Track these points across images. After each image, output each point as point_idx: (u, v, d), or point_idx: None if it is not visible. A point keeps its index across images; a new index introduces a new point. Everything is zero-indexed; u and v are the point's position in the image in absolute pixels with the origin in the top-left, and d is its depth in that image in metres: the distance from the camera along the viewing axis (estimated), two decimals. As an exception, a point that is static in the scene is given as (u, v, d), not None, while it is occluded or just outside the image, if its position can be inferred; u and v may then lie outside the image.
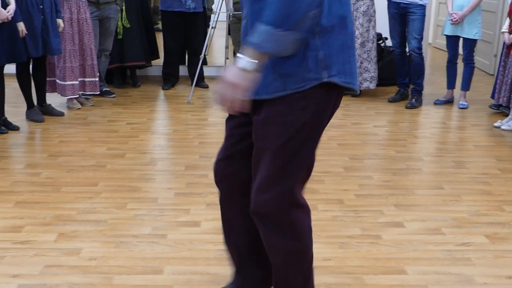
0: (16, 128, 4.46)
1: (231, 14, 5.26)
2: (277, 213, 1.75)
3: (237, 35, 5.33)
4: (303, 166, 1.74)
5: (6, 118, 4.49)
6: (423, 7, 5.31)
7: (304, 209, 1.80)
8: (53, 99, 5.16)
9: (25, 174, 3.54)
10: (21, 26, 4.26)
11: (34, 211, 2.99)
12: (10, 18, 4.15)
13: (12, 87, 5.37)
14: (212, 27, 6.01)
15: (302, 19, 1.47)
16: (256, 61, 1.51)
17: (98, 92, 5.30)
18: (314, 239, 2.74)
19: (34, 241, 2.67)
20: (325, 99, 1.68)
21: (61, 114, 4.91)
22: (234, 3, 5.21)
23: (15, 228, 2.80)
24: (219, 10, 5.51)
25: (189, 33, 5.98)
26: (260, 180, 1.74)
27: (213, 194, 3.27)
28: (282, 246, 1.79)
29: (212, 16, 5.97)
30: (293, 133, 1.67)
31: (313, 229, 2.85)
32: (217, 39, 9.15)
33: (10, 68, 4.68)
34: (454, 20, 5.25)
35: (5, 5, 4.14)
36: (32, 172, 3.56)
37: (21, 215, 2.95)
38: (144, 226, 2.85)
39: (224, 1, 5.51)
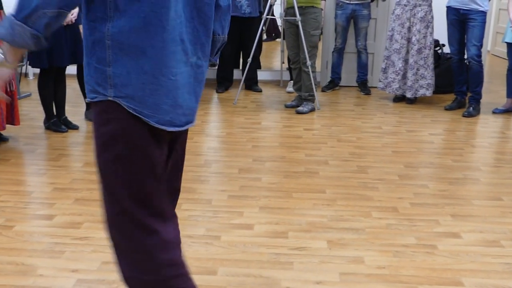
0: (75, 127, 4.60)
1: (282, 18, 5.27)
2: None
3: (290, 40, 5.34)
4: (118, 191, 1.57)
5: (66, 117, 4.63)
6: (483, 13, 5.19)
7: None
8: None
9: (84, 172, 3.65)
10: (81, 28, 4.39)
11: (92, 208, 3.08)
12: (73, 21, 4.28)
13: (72, 88, 5.54)
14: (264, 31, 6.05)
15: (32, 14, 1.38)
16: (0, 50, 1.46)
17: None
18: (367, 247, 2.72)
19: (92, 237, 2.75)
20: (132, 128, 1.52)
21: (118, 114, 5.02)
22: (287, 8, 5.22)
23: (74, 224, 2.88)
24: (269, 15, 5.54)
25: (244, 37, 6.03)
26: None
27: (267, 198, 3.28)
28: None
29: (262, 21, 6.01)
30: (100, 149, 1.55)
31: (367, 236, 2.83)
32: (271, 43, 9.20)
33: (71, 69, 4.82)
34: None
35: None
36: (90, 170, 3.66)
37: (80, 211, 3.04)
38: (198, 227, 2.89)
39: (270, 6, 5.55)
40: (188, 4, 1.55)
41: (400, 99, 5.85)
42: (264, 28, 6.35)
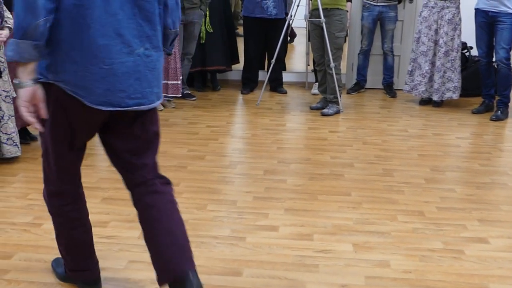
0: (102, 127, 4.65)
1: (306, 20, 5.27)
2: None
3: (315, 42, 5.33)
4: (49, 159, 2.13)
5: (93, 117, 4.68)
6: (513, 16, 5.11)
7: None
8: (137, 100, 5.33)
9: (111, 171, 3.68)
10: None
11: (119, 207, 3.11)
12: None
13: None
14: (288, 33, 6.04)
15: (28, 29, 1.72)
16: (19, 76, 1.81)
17: (180, 95, 5.44)
18: (393, 250, 2.70)
19: (119, 236, 2.78)
20: (60, 102, 1.89)
21: (144, 115, 5.07)
22: (312, 10, 5.22)
23: (101, 223, 2.91)
24: (294, 17, 5.54)
25: (270, 38, 6.04)
26: None
27: (292, 200, 3.28)
28: None
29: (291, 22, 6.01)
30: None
31: (393, 240, 2.81)
32: (296, 45, 9.20)
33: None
34: None
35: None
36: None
37: (107, 210, 3.08)
38: (224, 228, 2.90)
39: (294, 7, 5.55)
40: (127, 3, 1.84)
41: (426, 102, 5.79)
42: (289, 30, 6.37)
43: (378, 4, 5.95)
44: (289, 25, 5.63)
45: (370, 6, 6.00)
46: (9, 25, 3.62)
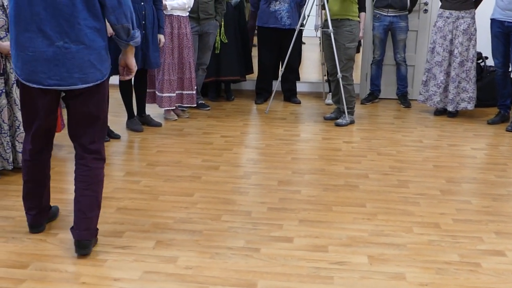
0: (117, 137, 4.69)
1: (316, 30, 5.27)
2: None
3: (327, 52, 5.34)
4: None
5: (108, 126, 4.71)
6: (529, 26, 5.09)
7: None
8: (152, 110, 5.36)
9: (126, 181, 3.70)
10: None
11: (134, 218, 3.12)
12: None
13: (114, 97, 5.63)
14: (303, 43, 6.03)
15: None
16: None
17: (195, 105, 5.46)
18: (409, 263, 2.68)
19: (134, 246, 2.78)
20: (22, 86, 2.58)
21: (158, 124, 5.10)
22: (325, 20, 5.22)
23: (116, 233, 2.92)
24: (304, 27, 5.52)
25: (284, 49, 6.04)
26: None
27: (306, 211, 3.27)
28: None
29: (304, 31, 6.02)
30: None
31: (408, 252, 2.79)
32: (309, 55, 9.20)
33: (113, 79, 4.90)
34: None
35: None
36: (131, 180, 3.72)
37: (122, 220, 3.09)
38: (238, 238, 2.90)
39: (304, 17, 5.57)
40: (48, 7, 2.41)
41: (441, 112, 5.76)
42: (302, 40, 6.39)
43: (389, 14, 5.95)
44: (300, 35, 5.65)
45: (380, 17, 5.99)
46: None
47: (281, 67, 5.90)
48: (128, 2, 2.53)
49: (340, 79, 5.20)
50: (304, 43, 8.83)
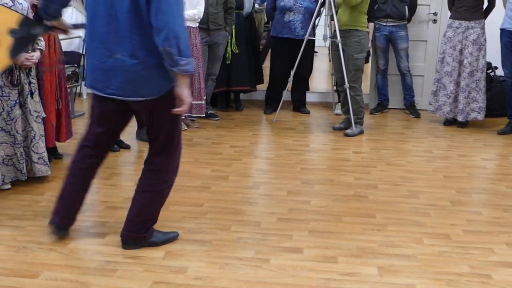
0: (127, 147, 4.71)
1: (325, 40, 5.26)
2: None
3: (336, 62, 5.34)
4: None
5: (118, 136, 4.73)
6: (539, 36, 5.08)
7: None
8: (161, 120, 5.37)
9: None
10: None
11: (143, 228, 3.12)
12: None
13: (124, 108, 5.67)
14: (316, 52, 6.04)
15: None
16: None
17: (204, 115, 5.48)
18: (420, 274, 2.67)
19: (144, 257, 2.79)
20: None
21: (168, 134, 5.11)
22: (335, 31, 5.22)
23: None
24: (315, 37, 5.50)
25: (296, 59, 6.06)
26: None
27: (316, 221, 3.27)
28: None
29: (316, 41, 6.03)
30: None
31: (419, 263, 2.78)
32: (319, 64, 9.21)
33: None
34: None
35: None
36: (141, 190, 3.72)
37: (132, 231, 3.09)
38: (248, 249, 2.90)
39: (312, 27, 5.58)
40: (111, 22, 2.54)
41: (451, 122, 5.75)
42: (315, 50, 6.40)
43: (388, 24, 5.98)
44: (312, 44, 5.65)
45: (380, 26, 6.03)
46: (41, 47, 3.69)
47: (294, 78, 5.93)
48: (176, 26, 2.44)
49: (349, 90, 5.20)
50: (317, 53, 8.86)
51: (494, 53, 5.65)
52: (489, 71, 6.02)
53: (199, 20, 5.23)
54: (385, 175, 4.13)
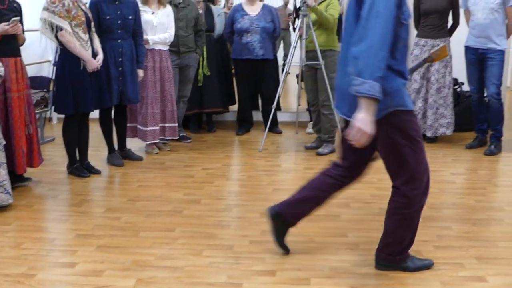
0: (98, 172, 4.66)
1: (303, 64, 5.26)
2: None
3: (309, 83, 5.38)
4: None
5: (89, 162, 4.70)
6: (501, 52, 5.19)
7: None
8: (132, 144, 5.35)
9: (106, 218, 3.67)
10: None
11: (113, 256, 3.08)
12: (99, 67, 4.39)
13: (95, 131, 5.61)
14: (288, 72, 6.05)
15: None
16: None
17: (177, 137, 5.47)
18: (391, 293, 2.68)
19: (114, 285, 2.75)
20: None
21: (140, 158, 5.09)
22: (307, 52, 5.26)
23: (96, 272, 2.88)
24: (291, 60, 5.46)
25: (260, 79, 6.12)
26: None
27: (288, 243, 3.25)
28: None
29: (286, 65, 6.05)
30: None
31: (391, 282, 2.79)
32: (292, 84, 9.25)
33: (93, 113, 4.89)
34: None
35: (94, 55, 4.38)
36: (112, 216, 3.69)
37: (102, 259, 3.05)
38: (220, 274, 2.88)
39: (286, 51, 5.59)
40: (344, 46, 2.70)
41: (420, 138, 5.81)
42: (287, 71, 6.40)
43: None
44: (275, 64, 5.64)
45: None
46: (0, 74, 3.66)
47: (262, 98, 5.94)
48: (357, 47, 2.38)
49: (323, 108, 5.24)
50: (289, 73, 8.90)
51: (460, 70, 5.76)
52: (455, 87, 6.14)
53: (170, 43, 5.24)
54: (357, 193, 4.15)
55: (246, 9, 5.97)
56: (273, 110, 5.57)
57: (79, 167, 4.60)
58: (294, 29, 5.22)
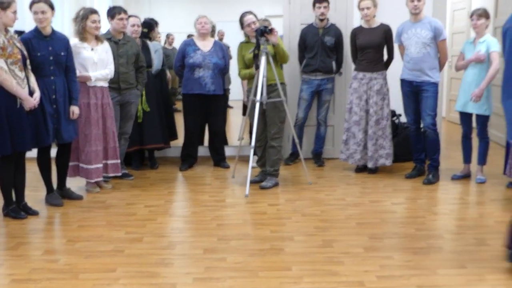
0: (35, 213, 4.51)
1: (265, 102, 5.24)
2: None
3: (258, 117, 5.35)
4: None
5: (26, 203, 4.54)
6: (435, 84, 5.40)
7: None
8: (72, 183, 5.22)
9: (44, 260, 3.54)
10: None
11: (52, 300, 2.97)
12: (37, 105, 4.29)
13: (32, 171, 5.46)
14: (230, 107, 6.06)
15: None
16: None
17: (120, 174, 5.38)
18: (335, 325, 2.68)
19: (52, 331, 2.64)
20: None
21: (80, 197, 4.97)
22: (254, 89, 5.28)
23: (33, 318, 2.77)
24: (260, 99, 5.28)
25: (210, 114, 6.13)
26: None
27: (232, 279, 3.23)
28: None
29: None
30: None
31: (335, 314, 2.79)
32: (235, 118, 9.31)
33: (30, 152, 4.76)
34: (475, 100, 5.25)
35: (30, 93, 4.28)
36: (50, 259, 3.56)
37: (39, 303, 2.93)
38: (162, 313, 2.81)
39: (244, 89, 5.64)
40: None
41: (361, 169, 5.94)
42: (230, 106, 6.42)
43: (317, 78, 6.18)
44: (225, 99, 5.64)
45: (309, 80, 6.21)
46: None
47: (210, 133, 5.90)
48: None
49: (273, 141, 5.28)
50: (232, 107, 8.96)
51: (397, 101, 5.95)
52: (393, 119, 6.32)
53: (110, 79, 5.19)
54: (300, 226, 4.18)
55: (198, 44, 6.00)
56: (240, 142, 5.55)
57: (16, 208, 4.44)
58: (257, 66, 5.19)
